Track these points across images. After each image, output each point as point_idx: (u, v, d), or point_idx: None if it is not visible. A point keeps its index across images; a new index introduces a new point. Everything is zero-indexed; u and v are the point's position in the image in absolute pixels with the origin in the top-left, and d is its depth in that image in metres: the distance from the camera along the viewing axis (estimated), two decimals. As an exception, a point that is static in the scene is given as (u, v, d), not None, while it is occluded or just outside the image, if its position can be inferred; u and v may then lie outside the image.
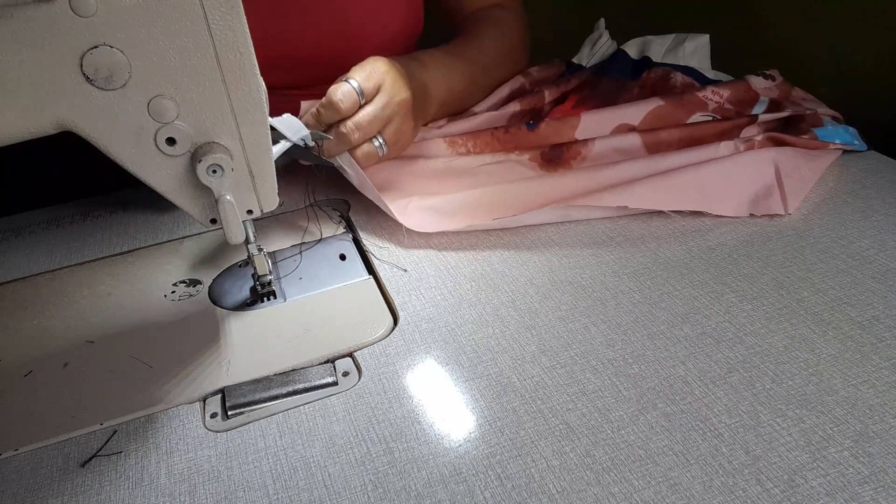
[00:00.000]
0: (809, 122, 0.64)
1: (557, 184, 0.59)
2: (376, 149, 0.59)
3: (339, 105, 0.56)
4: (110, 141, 0.38)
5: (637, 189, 0.56)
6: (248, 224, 0.45)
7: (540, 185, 0.59)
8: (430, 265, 0.54)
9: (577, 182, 0.59)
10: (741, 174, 0.57)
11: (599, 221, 0.57)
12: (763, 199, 0.56)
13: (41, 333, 0.50)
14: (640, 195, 0.56)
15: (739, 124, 0.63)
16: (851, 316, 0.45)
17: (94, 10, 0.34)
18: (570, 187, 0.58)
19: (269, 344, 0.47)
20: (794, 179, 0.57)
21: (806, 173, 0.59)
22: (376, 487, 0.37)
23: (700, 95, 0.67)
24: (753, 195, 0.57)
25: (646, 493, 0.35)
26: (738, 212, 0.56)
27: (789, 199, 0.56)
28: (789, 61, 0.86)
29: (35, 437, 0.41)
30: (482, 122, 0.69)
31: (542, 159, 0.62)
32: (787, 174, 0.57)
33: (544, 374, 0.43)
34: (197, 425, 0.41)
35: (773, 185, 0.57)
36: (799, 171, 0.58)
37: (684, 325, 0.46)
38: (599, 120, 0.65)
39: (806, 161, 0.60)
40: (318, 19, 0.69)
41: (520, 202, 0.58)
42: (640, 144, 0.62)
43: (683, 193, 0.56)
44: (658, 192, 0.56)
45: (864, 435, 0.37)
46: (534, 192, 0.59)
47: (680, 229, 0.55)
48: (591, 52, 0.80)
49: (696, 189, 0.56)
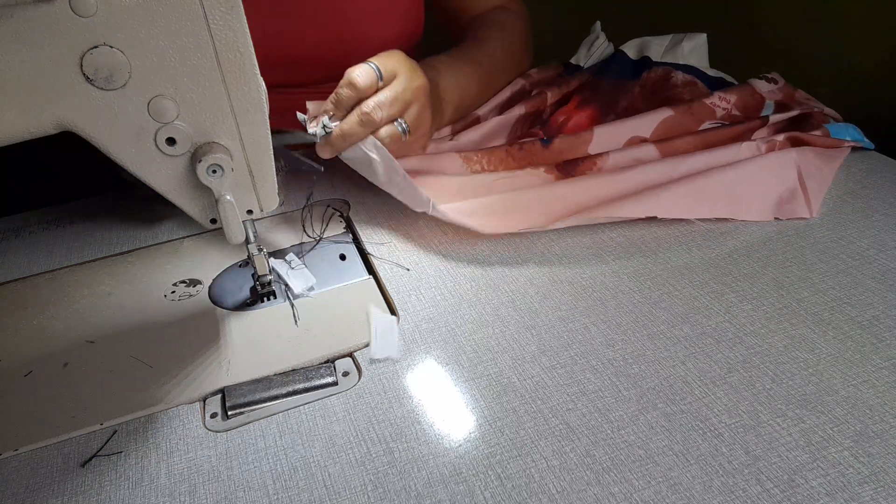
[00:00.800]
0: (818, 120, 0.64)
1: (578, 188, 0.58)
2: (400, 131, 0.57)
3: (357, 81, 0.55)
4: (110, 141, 0.38)
5: (663, 196, 0.55)
6: (248, 224, 0.45)
7: (559, 189, 0.58)
8: (430, 265, 0.54)
9: (597, 186, 0.58)
10: (765, 177, 0.57)
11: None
12: (787, 202, 0.56)
13: (41, 333, 0.50)
14: (667, 204, 0.55)
15: (751, 127, 0.63)
16: (851, 316, 0.45)
17: (94, 10, 0.34)
18: (590, 191, 0.57)
19: (269, 344, 0.47)
20: (814, 181, 0.57)
21: (826, 174, 0.59)
22: (376, 487, 0.37)
23: (708, 103, 0.66)
24: (778, 198, 0.56)
25: (646, 493, 0.35)
26: (763, 216, 0.55)
27: (812, 201, 0.56)
28: (789, 61, 0.86)
29: (35, 437, 0.41)
30: (492, 128, 0.68)
31: (557, 171, 0.61)
32: (808, 175, 0.57)
33: (544, 374, 0.43)
34: (197, 425, 0.41)
35: (797, 188, 0.56)
36: (820, 172, 0.58)
37: (684, 325, 0.46)
38: (612, 133, 0.64)
39: (824, 162, 0.59)
40: (318, 19, 0.69)
41: (540, 207, 0.57)
42: (657, 155, 0.61)
43: (711, 200, 0.55)
44: (685, 199, 0.55)
45: (864, 435, 0.37)
46: (553, 197, 0.58)
47: (680, 230, 0.55)
48: (588, 53, 0.80)
49: (724, 195, 0.56)
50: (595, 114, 0.70)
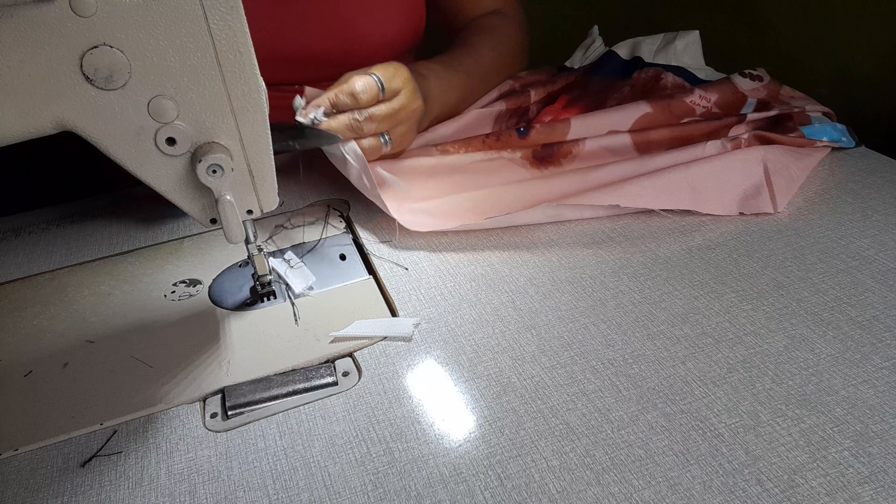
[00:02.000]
0: (797, 121, 0.64)
1: (549, 185, 0.59)
2: (382, 144, 0.59)
3: (359, 96, 0.56)
4: (110, 141, 0.38)
5: (628, 188, 0.56)
6: (247, 224, 0.45)
7: (532, 187, 0.60)
8: (430, 265, 0.54)
9: (569, 183, 0.59)
10: (730, 173, 0.57)
11: (599, 221, 0.57)
12: (752, 197, 0.57)
13: (41, 333, 0.50)
14: (631, 194, 0.56)
15: (728, 123, 0.63)
16: (851, 316, 0.45)
17: (94, 10, 0.34)
18: (562, 188, 0.59)
19: (269, 344, 0.47)
20: (782, 178, 0.58)
21: (794, 172, 0.59)
22: (376, 487, 0.37)
23: (687, 101, 0.67)
24: (742, 194, 0.57)
25: (646, 493, 0.35)
26: (727, 210, 0.56)
27: (778, 197, 0.56)
28: (789, 61, 0.86)
29: (35, 437, 0.41)
30: (469, 119, 0.69)
31: (533, 157, 0.63)
32: (775, 172, 0.58)
33: (544, 374, 0.43)
34: (197, 425, 0.41)
35: (762, 184, 0.57)
36: (788, 169, 0.59)
37: (684, 325, 0.46)
38: (589, 125, 0.65)
39: (794, 159, 0.60)
40: (319, 17, 0.69)
41: (512, 203, 0.58)
42: (631, 144, 0.63)
43: (674, 192, 0.56)
44: (649, 191, 0.56)
45: (864, 435, 0.37)
46: (526, 194, 0.59)
47: (680, 229, 0.55)
48: (584, 56, 0.80)
49: (687, 188, 0.56)
50: (582, 113, 0.70)
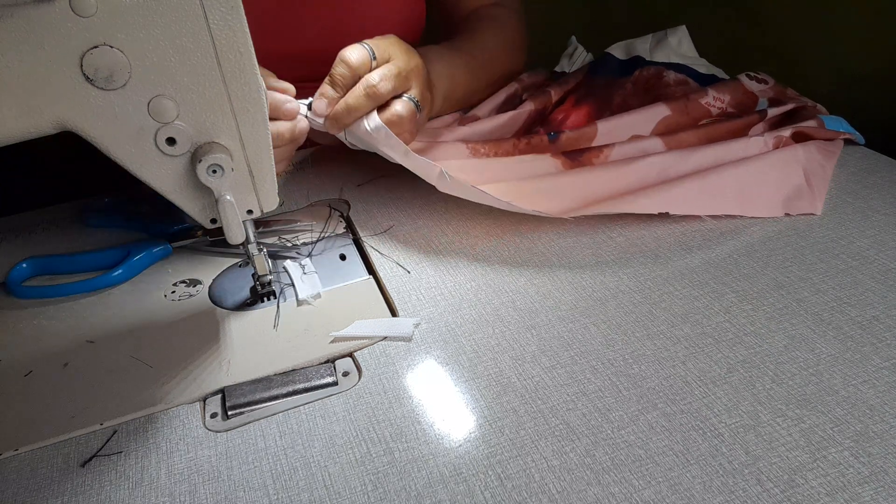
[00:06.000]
0: (812, 113, 0.64)
1: (588, 178, 0.58)
2: (413, 105, 0.56)
3: (350, 59, 0.54)
4: (110, 141, 0.38)
5: (675, 191, 0.55)
6: (248, 224, 0.45)
7: (569, 178, 0.58)
8: (430, 265, 0.54)
9: (608, 176, 0.58)
10: (774, 174, 0.57)
11: (598, 221, 0.57)
12: (795, 198, 0.56)
13: (41, 333, 0.50)
14: (679, 200, 0.55)
15: (750, 122, 0.64)
16: (851, 316, 0.45)
17: (94, 10, 0.34)
18: (600, 181, 0.57)
19: (269, 344, 0.47)
20: (818, 178, 0.58)
21: (827, 170, 0.59)
22: (376, 487, 0.37)
23: (703, 103, 0.67)
24: (786, 196, 0.57)
25: (646, 493, 0.35)
26: (773, 213, 0.56)
27: (818, 198, 0.56)
28: (789, 61, 0.86)
29: (35, 437, 0.41)
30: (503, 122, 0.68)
31: (563, 157, 0.61)
32: (812, 173, 0.58)
33: (544, 374, 0.43)
34: (197, 425, 0.41)
35: (803, 185, 0.57)
36: (822, 168, 0.59)
37: (684, 325, 0.46)
38: (614, 130, 0.65)
39: (825, 158, 0.60)
40: (318, 13, 0.69)
41: (551, 194, 0.56)
42: (663, 147, 0.62)
43: (722, 197, 0.56)
44: (696, 195, 0.56)
45: (864, 435, 0.37)
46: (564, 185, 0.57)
47: (680, 230, 0.55)
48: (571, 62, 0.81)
49: (735, 192, 0.56)
50: (591, 110, 0.70)
